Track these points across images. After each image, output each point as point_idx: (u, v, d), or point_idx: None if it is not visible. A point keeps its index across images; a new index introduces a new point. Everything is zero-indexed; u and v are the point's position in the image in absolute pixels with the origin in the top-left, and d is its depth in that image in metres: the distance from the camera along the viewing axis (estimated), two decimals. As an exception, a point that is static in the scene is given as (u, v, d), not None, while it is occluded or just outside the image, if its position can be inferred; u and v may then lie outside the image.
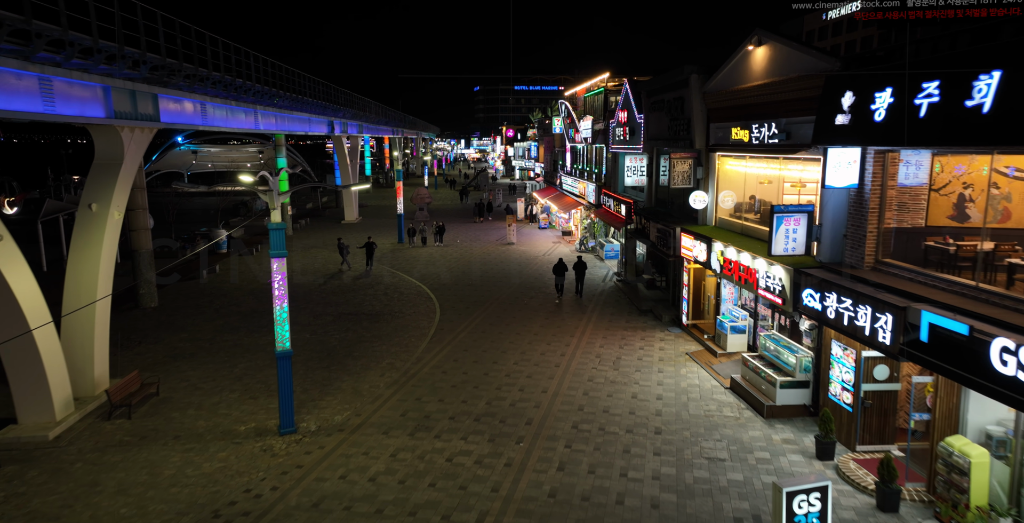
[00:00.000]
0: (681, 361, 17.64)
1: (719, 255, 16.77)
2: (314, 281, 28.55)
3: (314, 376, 17.04)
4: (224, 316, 22.89)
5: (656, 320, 21.78)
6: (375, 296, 25.75)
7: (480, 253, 35.07)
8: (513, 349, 18.96)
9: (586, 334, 20.32)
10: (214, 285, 28.08)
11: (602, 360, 17.84)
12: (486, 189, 69.37)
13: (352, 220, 49.57)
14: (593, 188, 34.58)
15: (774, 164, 16.36)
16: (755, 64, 16.24)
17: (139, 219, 23.43)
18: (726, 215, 19.20)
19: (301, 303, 24.65)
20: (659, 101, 24.02)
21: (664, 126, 23.29)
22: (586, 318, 22.22)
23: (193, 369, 17.54)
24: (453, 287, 27.18)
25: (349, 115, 44.69)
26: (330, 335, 20.61)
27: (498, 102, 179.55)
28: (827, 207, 13.35)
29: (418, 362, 18.04)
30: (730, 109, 17.78)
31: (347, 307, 24.09)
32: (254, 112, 26.84)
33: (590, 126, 35.42)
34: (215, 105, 22.34)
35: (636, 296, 24.78)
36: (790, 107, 14.52)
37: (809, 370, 13.69)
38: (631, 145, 27.84)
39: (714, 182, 19.41)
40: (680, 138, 21.28)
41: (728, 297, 18.24)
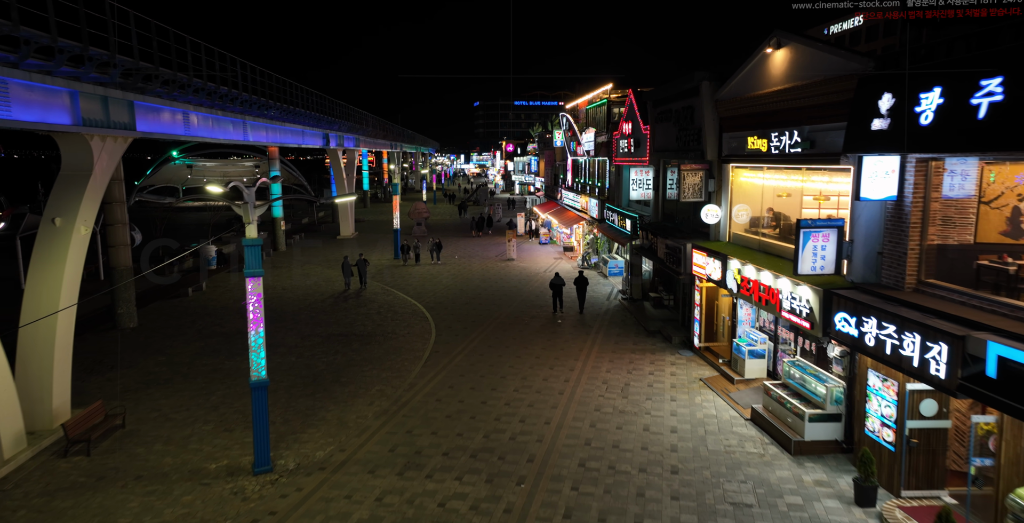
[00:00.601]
0: (695, 388, 16.31)
1: (735, 274, 15.52)
2: (304, 299, 27.26)
3: (297, 405, 15.70)
4: (206, 337, 21.56)
5: (666, 342, 20.47)
6: (368, 315, 24.45)
7: (479, 269, 33.82)
8: (513, 374, 17.63)
9: (591, 357, 19.00)
10: (199, 303, 26.78)
11: (609, 387, 16.51)
12: (486, 204, 68.29)
13: (348, 235, 48.39)
14: (596, 202, 33.43)
15: (795, 175, 15.15)
16: (774, 68, 15.10)
17: (118, 235, 22.20)
18: (741, 230, 17.97)
19: (289, 323, 23.35)
20: (666, 111, 22.92)
21: (672, 137, 22.15)
22: (591, 340, 20.90)
23: (166, 397, 16.18)
24: (450, 305, 25.88)
25: (345, 128, 43.68)
26: (317, 358, 19.28)
27: (498, 117, 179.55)
28: (859, 222, 12.13)
29: (410, 388, 16.71)
30: (745, 117, 16.63)
31: (337, 327, 22.78)
32: (243, 123, 25.73)
33: (592, 138, 34.34)
34: (199, 115, 21.21)
35: (643, 315, 23.48)
36: (814, 113, 13.35)
37: (841, 402, 12.37)
38: (636, 157, 26.71)
39: (727, 195, 18.21)
40: (690, 149, 20.12)
41: (745, 318, 16.95)
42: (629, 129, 27.86)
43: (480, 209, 64.63)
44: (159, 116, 18.57)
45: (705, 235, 19.25)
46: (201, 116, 21.43)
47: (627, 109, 28.05)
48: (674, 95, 21.66)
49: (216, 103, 21.50)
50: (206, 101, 20.58)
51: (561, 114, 42.92)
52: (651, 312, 23.93)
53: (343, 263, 29.45)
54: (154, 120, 18.23)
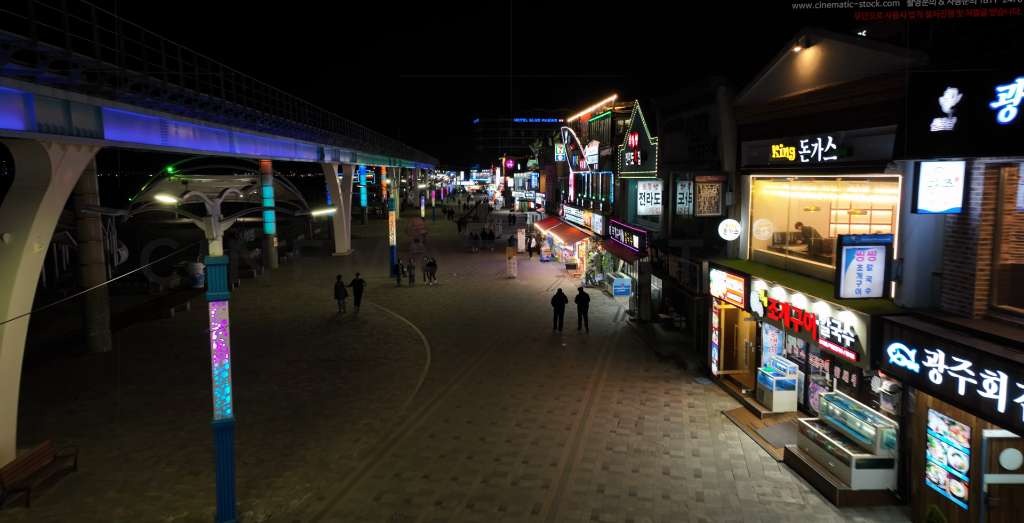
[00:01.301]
0: (717, 422, 14.70)
1: (761, 295, 13.99)
2: (293, 320, 25.69)
3: (274, 442, 14.08)
4: (183, 363, 19.97)
5: (680, 368, 18.87)
6: (359, 338, 22.87)
7: (478, 288, 32.27)
8: (515, 406, 16.03)
9: (600, 386, 17.41)
10: (182, 325, 25.21)
11: (622, 421, 14.90)
12: (487, 220, 66.94)
13: (343, 252, 46.93)
14: (600, 218, 32.00)
15: (827, 187, 13.70)
16: (802, 69, 13.71)
17: (92, 253, 20.69)
18: (763, 247, 16.48)
19: (274, 347, 21.76)
20: (677, 121, 21.55)
21: (683, 148, 20.75)
22: (598, 365, 19.31)
23: (130, 432, 14.57)
24: (447, 327, 24.31)
25: (341, 142, 42.40)
26: (301, 387, 17.67)
27: (497, 134, 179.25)
28: (910, 238, 10.63)
29: (401, 422, 15.10)
30: (768, 124, 15.21)
31: (326, 351, 21.18)
32: (229, 134, 24.37)
33: (596, 152, 33.01)
34: (179, 124, 19.82)
35: (653, 338, 21.91)
36: (852, 117, 11.92)
37: (893, 445, 10.78)
38: (643, 171, 25.33)
39: (747, 209, 16.75)
40: (704, 160, 18.71)
41: (771, 345, 15.39)
42: (635, 141, 26.54)
43: (480, 225, 63.26)
44: (132, 124, 17.16)
45: (721, 253, 17.76)
46: (181, 126, 20.05)
47: (633, 120, 26.74)
48: (686, 103, 20.30)
49: (198, 112, 20.14)
50: (186, 109, 19.21)
51: (563, 128, 41.68)
52: (662, 335, 22.36)
53: (336, 284, 27.47)
54: (126, 128, 16.83)
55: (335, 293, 27.15)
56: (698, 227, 20.51)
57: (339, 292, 27.00)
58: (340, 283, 27.28)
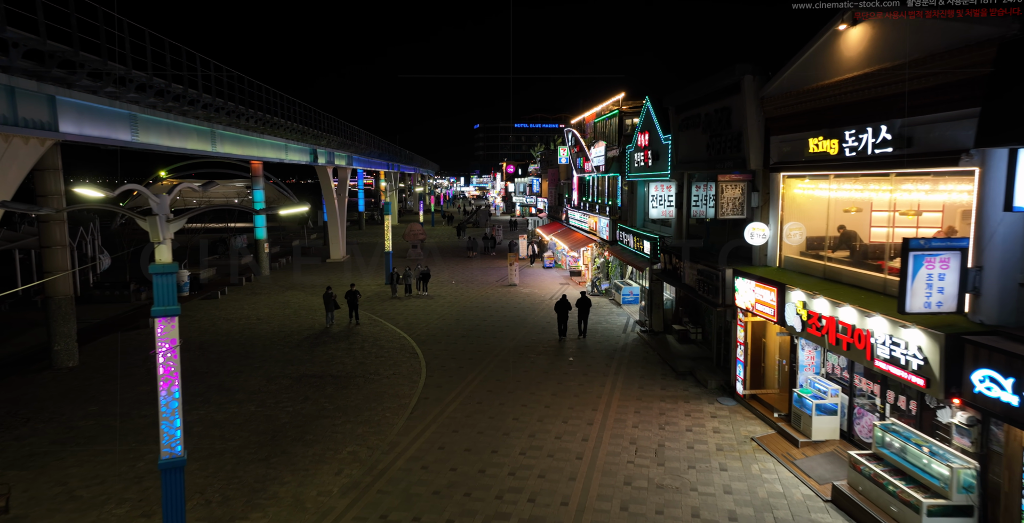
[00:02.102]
0: (748, 451, 12.97)
1: (799, 308, 12.31)
2: (279, 331, 23.97)
3: (244, 474, 12.35)
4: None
5: (699, 386, 17.15)
6: (348, 351, 21.15)
7: (478, 297, 30.57)
8: (518, 430, 14.30)
9: (613, 406, 15.69)
10: (159, 336, 23.44)
11: (640, 449, 13.17)
12: (488, 225, 65.30)
13: (338, 258, 45.27)
14: (606, 222, 30.35)
15: (876, 184, 12.03)
16: (847, 50, 12.06)
17: (56, 259, 19.00)
18: (795, 253, 14.81)
19: (257, 361, 20.04)
20: (693, 116, 19.93)
21: (700, 146, 19.12)
22: (610, 382, 17.59)
23: (81, 463, 12.84)
24: (444, 339, 22.60)
25: (335, 144, 40.80)
26: (282, 407, 15.95)
27: (498, 140, 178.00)
28: (992, 242, 8.95)
29: (391, 450, 13.37)
30: (804, 115, 13.56)
31: (312, 366, 19.46)
32: (210, 132, 22.74)
33: (603, 153, 31.38)
34: (151, 118, 18.19)
35: (667, 352, 20.20)
36: (914, 101, 10.26)
37: (972, 489, 9.06)
38: (655, 172, 23.69)
39: (777, 211, 15.08)
40: (726, 158, 17.06)
41: (808, 363, 13.66)
42: (646, 140, 24.91)
43: (481, 231, 61.64)
44: (95, 117, 15.52)
45: (745, 259, 16.10)
46: (154, 121, 18.42)
47: (643, 118, 25.13)
48: (704, 97, 18.67)
49: (173, 106, 18.51)
50: (158, 103, 17.58)
51: (566, 130, 40.09)
52: (676, 348, 20.66)
53: (325, 294, 25.03)
54: (88, 121, 15.18)
55: (325, 305, 24.90)
56: (719, 231, 18.85)
57: (329, 304, 24.78)
58: (330, 294, 24.91)
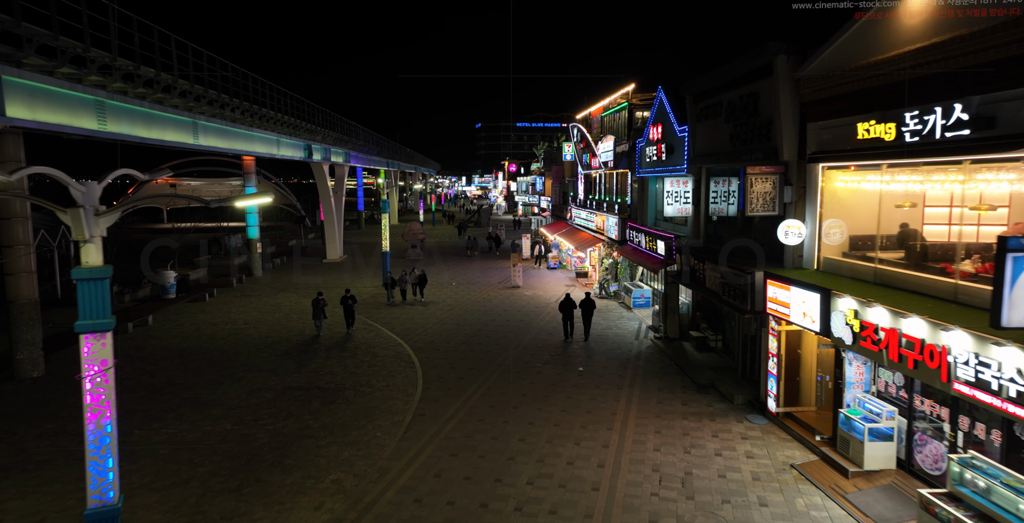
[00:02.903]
0: (789, 481, 11.34)
1: (850, 317, 10.68)
2: (267, 337, 22.36)
3: (210, 508, 10.74)
4: (126, 391, 16.63)
5: (724, 401, 15.51)
6: (339, 359, 19.54)
7: (479, 299, 28.94)
8: (525, 454, 12.68)
9: (630, 425, 14.06)
10: (138, 342, 21.88)
11: (664, 478, 11.55)
12: (491, 225, 63.66)
13: (335, 258, 43.65)
14: (615, 221, 28.73)
15: (941, 174, 10.38)
16: (908, 19, 10.43)
17: (17, 261, 17.40)
18: (835, 254, 13.18)
19: (239, 370, 18.43)
20: (713, 105, 18.31)
21: (722, 137, 17.51)
22: (625, 396, 15.96)
23: (24, 495, 11.23)
24: (443, 346, 20.98)
25: (331, 139, 39.19)
26: (261, 425, 14.33)
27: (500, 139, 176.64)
28: (1109, 241, 7.31)
29: (380, 478, 11.76)
30: (851, 97, 11.93)
31: (298, 377, 17.85)
32: (192, 124, 21.12)
33: (611, 148, 29.75)
34: (121, 106, 16.58)
35: (686, 361, 18.57)
36: (1000, 74, 8.64)
37: (1087, 545, 7.42)
38: (669, 166, 22.07)
39: (814, 207, 13.45)
40: (752, 149, 15.44)
41: (855, 379, 12.01)
42: (659, 133, 23.29)
43: (484, 231, 60.06)
44: (54, 102, 13.92)
45: (774, 260, 14.48)
46: (124, 108, 16.82)
47: (656, 110, 23.52)
48: (728, 83, 17.05)
49: (146, 93, 16.92)
50: (128, 88, 15.99)
51: (571, 125, 38.48)
52: (695, 357, 19.03)
53: (315, 300, 22.45)
54: (44, 106, 13.58)
55: (314, 313, 22.47)
56: (745, 229, 17.23)
57: (318, 312, 22.37)
58: (320, 301, 22.43)
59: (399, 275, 28.98)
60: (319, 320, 22.49)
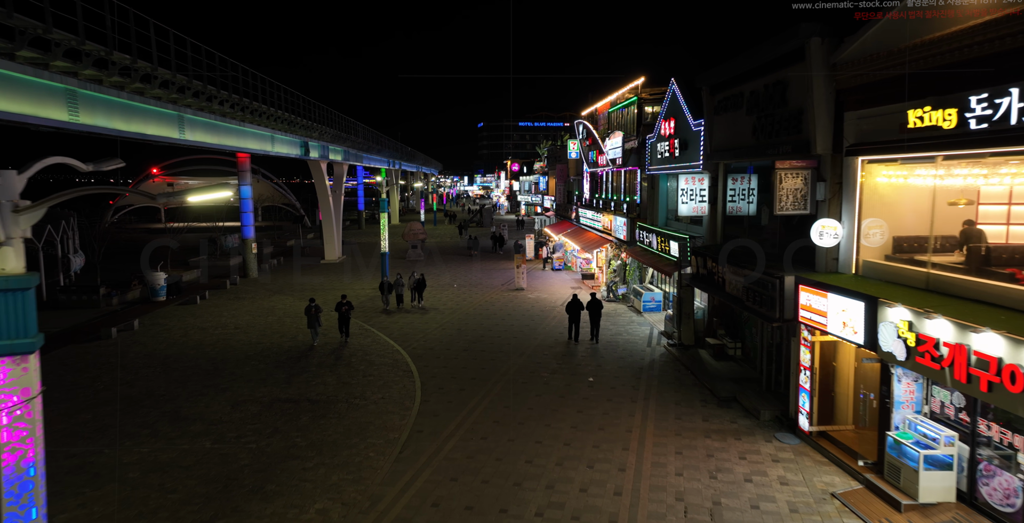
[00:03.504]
0: (832, 514, 10.06)
1: (902, 329, 9.41)
2: (258, 343, 21.13)
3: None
4: (101, 404, 15.43)
5: (749, 417, 14.24)
6: (332, 368, 18.31)
7: (481, 302, 27.69)
8: (533, 479, 11.43)
9: (648, 444, 12.81)
10: (122, 348, 20.64)
11: (690, 508, 10.29)
12: (494, 225, 62.43)
13: (333, 259, 42.46)
14: (623, 221, 27.48)
15: (1012, 166, 9.11)
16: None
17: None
18: (877, 257, 11.92)
19: (225, 380, 17.21)
20: (734, 96, 17.06)
21: (743, 130, 16.26)
22: (640, 410, 14.71)
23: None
24: (443, 353, 19.74)
25: (329, 136, 37.97)
26: (243, 443, 13.09)
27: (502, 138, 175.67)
28: None
29: (371, 508, 10.52)
30: (899, 81, 10.64)
31: (287, 388, 16.62)
32: (176, 116, 19.90)
33: (619, 144, 28.49)
34: (96, 96, 15.36)
35: (703, 371, 17.31)
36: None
37: None
38: (684, 163, 20.82)
39: (853, 204, 12.18)
40: (780, 142, 14.18)
41: (905, 398, 10.71)
42: (671, 128, 22.05)
43: (487, 231, 58.84)
44: (16, 89, 12.70)
45: (804, 263, 13.23)
46: (100, 99, 15.60)
47: (668, 103, 22.26)
48: (751, 71, 15.79)
49: (123, 82, 15.70)
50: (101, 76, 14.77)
51: (576, 121, 37.23)
52: (713, 366, 17.77)
53: (307, 308, 20.64)
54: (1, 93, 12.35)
55: (308, 322, 20.78)
56: (768, 229, 15.98)
57: (312, 320, 20.58)
58: (314, 307, 20.52)
59: (395, 278, 27.06)
60: (314, 329, 20.73)
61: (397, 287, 26.46)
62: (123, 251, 35.47)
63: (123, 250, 35.60)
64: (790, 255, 14.42)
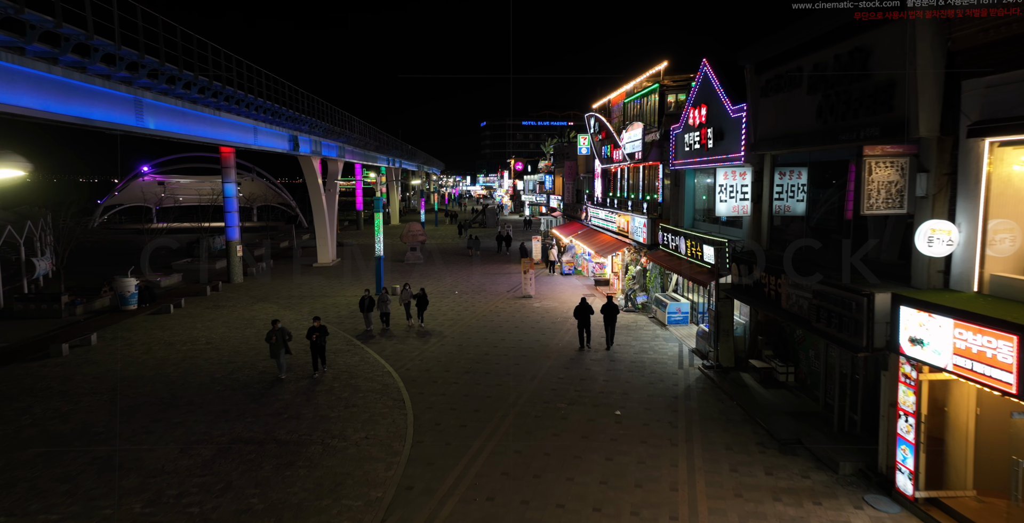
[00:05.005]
0: None
1: (1090, 378, 6.53)
2: (228, 362, 18.33)
3: None
4: (15, 448, 12.58)
5: (823, 468, 11.36)
6: (309, 396, 15.50)
7: (485, 311, 24.87)
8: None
9: (701, 508, 9.97)
10: (69, 369, 17.85)
11: (777, 622, 7.43)
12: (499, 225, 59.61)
13: (327, 262, 39.68)
14: (643, 222, 24.67)
15: None
16: None
17: None
18: (1011, 271, 9.07)
19: (181, 411, 14.41)
20: (788, 73, 14.22)
21: (803, 112, 13.44)
22: (683, 458, 11.86)
23: None
24: (441, 375, 16.94)
25: (321, 130, 35.16)
26: (184, 507, 10.26)
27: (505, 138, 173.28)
28: None
29: (340, 612, 7.68)
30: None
31: (254, 421, 13.81)
32: (133, 101, 17.09)
33: (639, 136, 25.64)
34: (19, 69, 12.57)
35: (751, 402, 14.46)
36: None
37: None
38: (718, 155, 18.00)
39: (975, 202, 9.33)
40: (860, 125, 11.33)
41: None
42: (702, 116, 19.25)
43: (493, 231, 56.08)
44: None
45: (889, 275, 10.42)
46: (23, 73, 12.80)
47: (699, 88, 19.44)
48: (816, 39, 12.93)
49: (50, 53, 12.91)
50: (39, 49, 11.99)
51: (588, 115, 34.37)
52: (762, 395, 14.92)
53: (270, 334, 16.45)
54: None
55: (271, 349, 16.60)
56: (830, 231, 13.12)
57: (275, 348, 16.50)
58: (279, 332, 16.46)
59: (379, 295, 22.29)
60: (278, 359, 16.59)
61: (382, 305, 21.80)
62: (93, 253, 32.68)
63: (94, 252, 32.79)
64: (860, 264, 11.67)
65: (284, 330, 16.80)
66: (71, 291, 26.41)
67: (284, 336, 16.65)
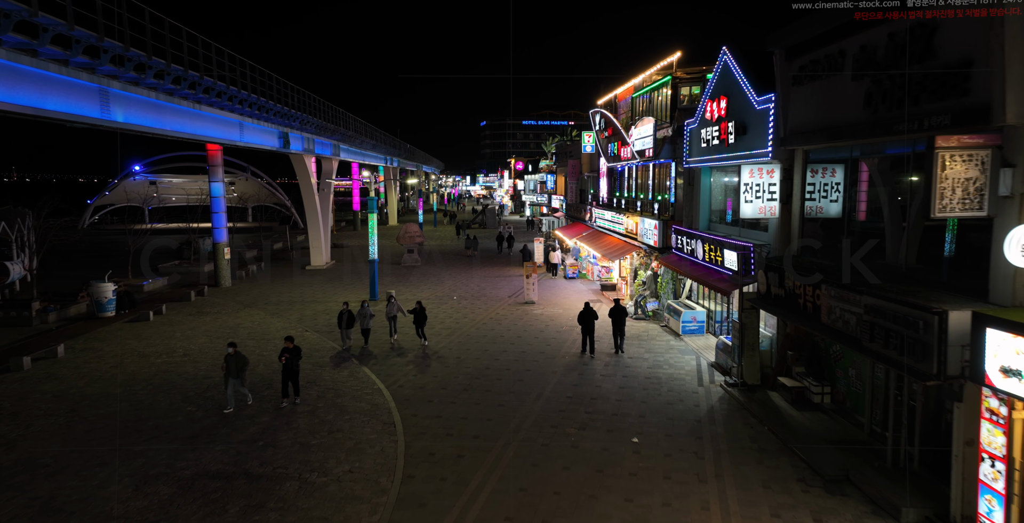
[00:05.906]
0: None
1: None
2: (204, 378, 16.71)
3: None
4: None
5: (879, 512, 9.73)
6: (289, 418, 13.87)
7: (485, 319, 23.24)
8: None
9: (742, 569, 8.33)
10: (28, 385, 16.23)
11: None
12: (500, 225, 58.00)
13: (320, 265, 38.06)
14: (654, 224, 23.06)
15: None
16: None
17: None
18: None
19: (142, 438, 12.78)
20: (827, 58, 12.65)
21: (846, 100, 11.86)
22: (715, 498, 10.23)
23: None
24: (437, 393, 15.32)
25: (313, 126, 33.52)
26: (129, 563, 8.64)
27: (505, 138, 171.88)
28: None
29: None
30: None
31: (223, 450, 12.18)
32: (97, 90, 15.46)
33: (650, 132, 24.00)
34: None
35: (785, 428, 12.84)
36: None
37: None
38: (741, 151, 16.43)
39: (1077, 202, 7.71)
40: (925, 112, 9.69)
41: None
42: (721, 109, 17.70)
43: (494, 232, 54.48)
44: None
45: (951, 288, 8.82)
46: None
47: (717, 78, 17.86)
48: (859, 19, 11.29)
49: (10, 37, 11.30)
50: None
51: (592, 111, 32.72)
52: (795, 419, 13.31)
53: (228, 357, 14.30)
54: None
55: (225, 374, 14.35)
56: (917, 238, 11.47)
57: (231, 371, 14.21)
58: (235, 358, 14.27)
59: (360, 307, 19.36)
60: (235, 388, 14.31)
61: (362, 319, 19.20)
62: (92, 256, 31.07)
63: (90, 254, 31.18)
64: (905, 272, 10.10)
65: (240, 356, 14.36)
66: (44, 297, 24.80)
67: (239, 363, 14.28)
